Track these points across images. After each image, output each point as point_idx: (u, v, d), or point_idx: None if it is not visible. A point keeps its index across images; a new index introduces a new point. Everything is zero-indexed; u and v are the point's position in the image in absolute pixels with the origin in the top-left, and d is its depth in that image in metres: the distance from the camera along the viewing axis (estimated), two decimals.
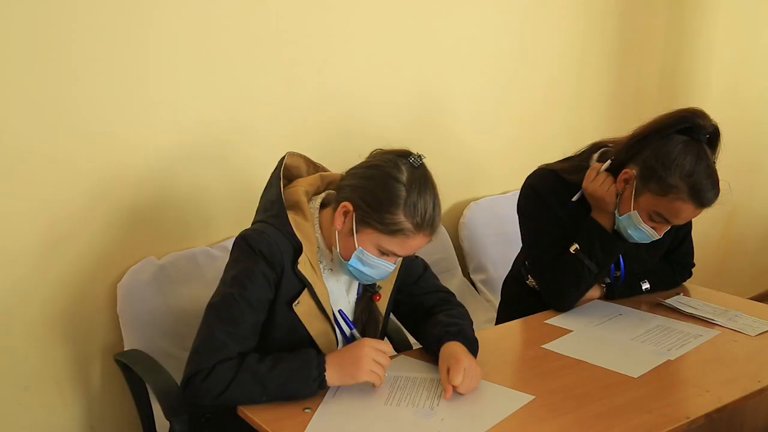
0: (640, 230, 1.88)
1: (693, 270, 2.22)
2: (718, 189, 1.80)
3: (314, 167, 1.73)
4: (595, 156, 1.99)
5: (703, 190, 1.77)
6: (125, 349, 2.02)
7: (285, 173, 1.64)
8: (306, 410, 1.45)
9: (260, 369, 1.47)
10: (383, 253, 1.53)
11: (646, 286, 2.09)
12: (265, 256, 1.52)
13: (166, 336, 2.06)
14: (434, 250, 2.62)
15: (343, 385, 1.51)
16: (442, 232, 2.74)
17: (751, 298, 2.16)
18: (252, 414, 1.45)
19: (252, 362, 1.48)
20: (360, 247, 1.52)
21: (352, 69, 2.45)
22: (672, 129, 1.82)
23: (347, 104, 2.46)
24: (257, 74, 2.23)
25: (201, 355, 1.48)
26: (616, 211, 1.92)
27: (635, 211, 1.86)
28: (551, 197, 2.00)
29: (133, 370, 1.90)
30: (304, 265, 1.55)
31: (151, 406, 1.93)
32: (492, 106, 2.88)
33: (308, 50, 2.33)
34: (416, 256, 1.80)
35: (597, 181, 1.91)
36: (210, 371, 1.46)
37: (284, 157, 1.67)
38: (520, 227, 2.10)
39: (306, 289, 1.56)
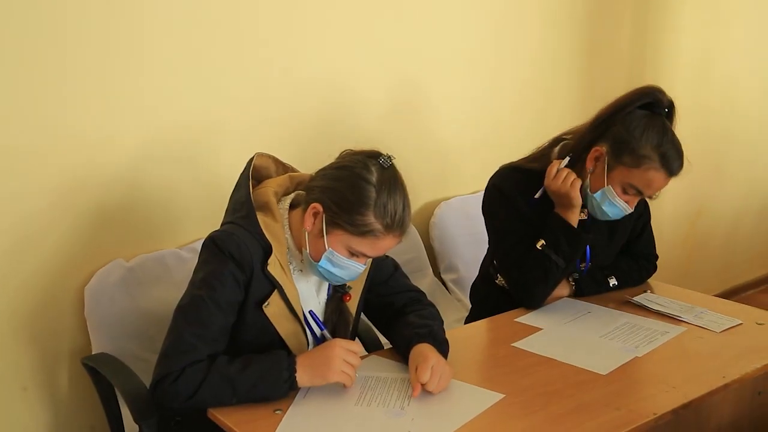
0: (615, 205, 1.92)
1: (661, 268, 2.25)
2: (683, 159, 1.88)
3: (283, 168, 1.73)
4: (556, 149, 2.02)
5: (672, 158, 1.85)
6: (93, 352, 2.00)
7: (254, 174, 1.63)
8: (276, 412, 1.44)
9: (230, 371, 1.46)
10: (353, 254, 1.53)
11: (613, 282, 2.11)
12: (234, 257, 1.51)
13: (135, 339, 2.04)
14: (405, 250, 2.63)
15: (313, 386, 1.51)
16: (413, 232, 2.75)
17: (716, 295, 2.20)
18: (222, 416, 1.44)
19: (222, 364, 1.47)
20: (330, 248, 1.52)
21: (322, 70, 2.44)
22: (634, 105, 1.90)
23: (317, 105, 2.46)
24: (226, 75, 2.21)
25: (170, 357, 1.47)
26: (588, 191, 1.95)
27: (609, 186, 1.90)
28: (515, 194, 2.02)
29: (101, 374, 1.87)
30: (273, 267, 1.54)
31: (119, 410, 1.91)
32: (464, 106, 2.90)
33: (278, 50, 2.32)
34: (386, 256, 1.79)
35: (558, 178, 1.92)
36: (179, 374, 1.45)
37: (253, 157, 1.66)
38: (486, 228, 2.11)
39: (276, 291, 1.55)
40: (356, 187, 1.49)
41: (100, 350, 1.99)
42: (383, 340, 1.88)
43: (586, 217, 2.03)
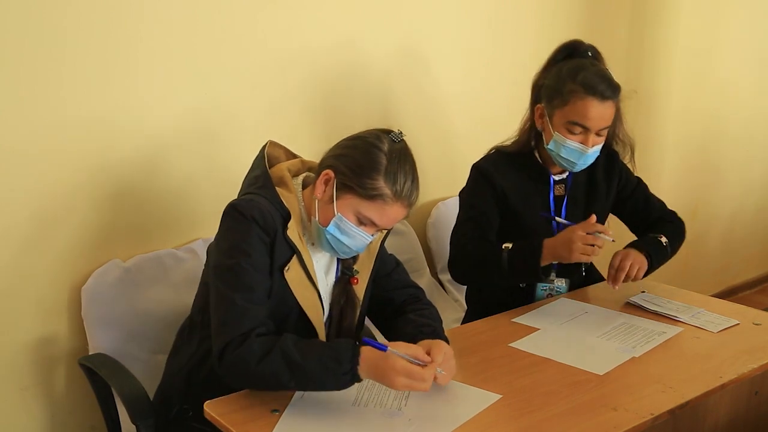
0: (570, 148, 1.95)
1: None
2: (615, 83, 1.93)
3: (294, 157, 1.75)
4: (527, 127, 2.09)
5: (594, 82, 1.90)
6: (90, 353, 1.99)
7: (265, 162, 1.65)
8: (274, 412, 1.44)
9: (293, 353, 1.43)
10: (361, 221, 1.54)
11: (664, 240, 2.09)
12: (258, 221, 1.51)
13: (132, 339, 2.04)
14: (402, 250, 2.63)
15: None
16: (410, 232, 2.75)
17: (713, 296, 2.20)
18: (220, 417, 1.44)
19: (286, 343, 1.45)
20: (339, 214, 1.53)
21: (322, 69, 2.44)
22: (556, 60, 2.02)
23: (322, 97, 2.46)
24: (224, 74, 2.21)
25: (228, 325, 1.47)
26: (545, 146, 2.00)
27: (555, 132, 1.95)
28: (491, 172, 2.07)
29: (98, 375, 1.87)
30: (292, 232, 1.55)
31: (117, 411, 1.90)
32: (460, 107, 2.90)
33: (276, 48, 2.32)
34: (390, 253, 1.81)
35: (582, 240, 1.85)
36: (243, 340, 1.45)
37: (266, 145, 1.68)
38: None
39: (295, 256, 1.57)
40: (368, 153, 1.53)
41: (96, 351, 1.99)
42: (381, 339, 1.87)
43: (563, 193, 2.09)
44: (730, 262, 4.26)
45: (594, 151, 1.96)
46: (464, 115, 2.92)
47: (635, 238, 2.18)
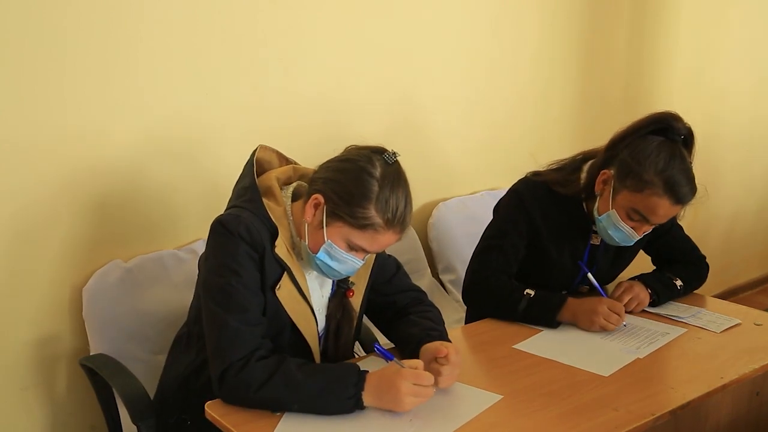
0: (620, 230, 1.89)
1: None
2: (695, 186, 1.83)
3: (286, 161, 1.72)
4: (585, 167, 1.99)
5: (678, 185, 1.79)
6: (91, 353, 1.99)
7: (256, 167, 1.63)
8: (275, 412, 1.44)
9: (296, 376, 1.43)
10: (352, 248, 1.52)
11: (679, 283, 2.08)
12: (245, 238, 1.49)
13: (133, 340, 2.04)
14: (403, 251, 2.63)
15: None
16: (411, 232, 2.75)
17: (714, 296, 2.21)
18: (220, 417, 1.44)
19: (289, 367, 1.44)
20: (329, 240, 1.51)
21: (321, 71, 2.44)
22: (647, 130, 1.86)
23: (317, 106, 2.45)
24: (223, 74, 2.21)
25: (224, 349, 1.45)
26: (595, 212, 1.93)
27: (614, 210, 1.87)
28: (533, 207, 2.00)
29: (99, 375, 1.87)
30: (280, 249, 1.53)
31: (117, 411, 1.91)
32: (461, 108, 2.90)
33: (277, 51, 2.32)
34: (389, 255, 1.80)
35: (609, 316, 1.85)
36: (243, 365, 1.44)
37: (257, 149, 1.65)
38: (488, 224, 2.10)
39: (285, 273, 1.54)
40: (359, 180, 1.48)
41: (98, 351, 1.99)
42: (383, 340, 1.88)
43: (598, 243, 2.04)
44: (730, 262, 4.26)
45: (640, 236, 1.92)
46: (465, 117, 2.92)
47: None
